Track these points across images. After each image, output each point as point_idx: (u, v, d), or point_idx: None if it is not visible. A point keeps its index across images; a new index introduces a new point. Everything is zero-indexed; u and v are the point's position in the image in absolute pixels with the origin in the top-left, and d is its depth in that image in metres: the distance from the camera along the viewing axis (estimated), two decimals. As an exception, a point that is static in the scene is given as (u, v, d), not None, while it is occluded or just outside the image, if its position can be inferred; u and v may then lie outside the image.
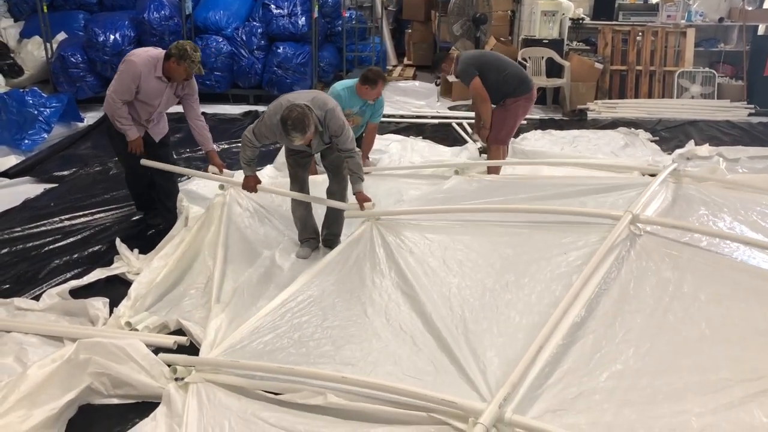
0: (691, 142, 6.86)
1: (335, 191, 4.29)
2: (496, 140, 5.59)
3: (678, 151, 6.61)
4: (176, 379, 2.95)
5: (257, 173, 4.29)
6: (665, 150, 6.87)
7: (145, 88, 4.37)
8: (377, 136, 6.95)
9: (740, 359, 2.66)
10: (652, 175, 4.49)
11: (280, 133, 3.72)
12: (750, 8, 9.59)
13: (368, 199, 4.03)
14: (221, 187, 4.75)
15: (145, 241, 4.63)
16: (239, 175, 5.47)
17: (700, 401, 2.47)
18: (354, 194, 4.06)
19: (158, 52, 4.39)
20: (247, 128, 4.01)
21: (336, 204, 4.25)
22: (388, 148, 6.53)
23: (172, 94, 4.55)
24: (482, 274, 3.35)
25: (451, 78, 6.90)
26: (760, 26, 9.61)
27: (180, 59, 4.27)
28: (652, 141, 7.24)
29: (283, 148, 4.83)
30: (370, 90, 5.10)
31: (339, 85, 5.25)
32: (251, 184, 4.20)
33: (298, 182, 4.28)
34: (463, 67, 5.42)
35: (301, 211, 4.33)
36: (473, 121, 6.98)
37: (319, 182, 4.58)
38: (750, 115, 8.57)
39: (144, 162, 4.66)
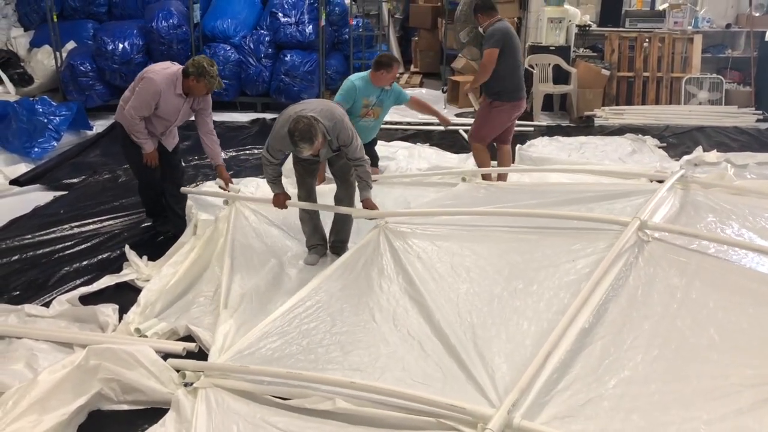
0: (699, 149, 6.83)
1: (343, 198, 4.31)
2: (476, 137, 5.62)
3: (686, 158, 6.59)
4: (185, 385, 2.97)
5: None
6: (673, 156, 6.85)
7: (164, 105, 4.42)
8: (383, 143, 6.99)
9: (749, 366, 2.66)
10: (660, 182, 4.49)
11: (289, 144, 3.75)
12: (757, 14, 9.57)
13: (375, 207, 4.05)
14: (226, 202, 4.78)
15: (155, 248, 4.66)
16: (247, 182, 5.53)
17: (709, 408, 2.47)
18: (361, 201, 4.08)
19: (177, 68, 4.43)
20: (263, 149, 4.04)
21: (345, 209, 4.27)
22: (395, 155, 6.54)
23: (189, 109, 4.59)
24: (490, 281, 3.36)
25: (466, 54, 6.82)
26: (768, 32, 9.59)
27: (199, 76, 4.31)
28: (659, 147, 7.21)
29: (291, 155, 4.85)
30: (386, 74, 5.04)
31: (353, 77, 5.21)
32: (281, 201, 4.19)
33: (306, 188, 4.30)
34: (494, 33, 5.29)
35: (309, 218, 4.35)
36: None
37: (326, 192, 4.60)
38: (758, 121, 8.53)
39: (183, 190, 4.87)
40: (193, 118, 4.76)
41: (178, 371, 3.03)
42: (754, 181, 5.52)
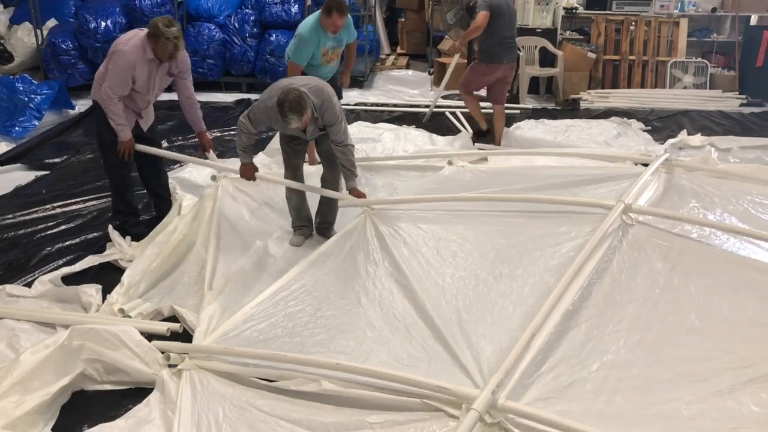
0: (684, 132, 6.87)
1: (329, 179, 4.29)
2: (463, 85, 6.58)
3: (670, 141, 6.63)
4: (169, 366, 2.96)
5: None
6: (657, 140, 6.88)
7: (139, 76, 4.17)
8: (370, 124, 6.97)
9: (730, 349, 2.69)
10: (645, 165, 4.51)
11: (276, 116, 3.70)
12: (743, -2, 9.60)
13: (363, 195, 4.04)
14: (213, 178, 4.73)
15: (139, 228, 4.61)
16: (231, 163, 5.49)
17: (691, 390, 2.50)
18: (347, 190, 4.06)
19: (143, 33, 4.15)
20: (242, 114, 3.97)
21: (331, 194, 4.25)
22: (381, 137, 6.51)
23: (165, 74, 4.34)
24: (476, 265, 3.37)
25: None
26: (753, 16, 9.60)
27: (155, 38, 4.05)
28: (644, 131, 7.24)
29: (276, 135, 4.81)
30: (339, 18, 4.93)
31: (303, 31, 5.03)
32: (249, 173, 4.14)
33: (292, 169, 4.27)
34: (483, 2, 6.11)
35: (295, 199, 4.33)
36: (467, 110, 7.02)
37: (312, 173, 4.57)
38: (742, 105, 8.59)
39: (138, 147, 4.44)
40: (174, 96, 4.59)
41: (162, 352, 3.02)
42: (737, 164, 5.56)
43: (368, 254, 3.63)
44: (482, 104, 6.83)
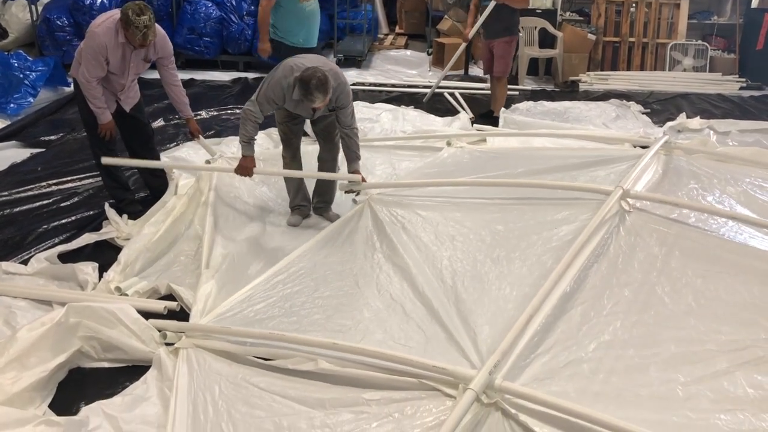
0: (683, 115, 6.85)
1: (326, 159, 4.27)
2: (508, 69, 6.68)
3: (669, 124, 6.61)
4: (166, 344, 2.96)
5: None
6: (656, 122, 6.86)
7: (112, 58, 4.05)
8: (368, 104, 6.93)
9: (725, 332, 2.71)
10: (644, 147, 4.50)
11: (291, 93, 3.66)
12: (744, -19, 9.54)
13: (364, 180, 4.03)
14: (207, 161, 4.71)
15: (134, 206, 4.59)
16: (228, 142, 5.45)
17: (686, 371, 2.52)
18: (349, 173, 4.03)
19: (118, 15, 3.99)
20: (248, 102, 3.84)
21: (331, 176, 4.23)
22: (380, 117, 6.47)
23: (141, 60, 4.22)
24: (473, 248, 3.37)
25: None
26: (754, -1, 9.58)
27: (126, 25, 3.93)
28: (643, 113, 7.22)
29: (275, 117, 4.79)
30: None
31: None
32: (248, 168, 3.98)
33: (291, 150, 4.25)
34: None
35: (293, 178, 4.31)
36: (465, 90, 7.00)
37: (309, 152, 4.55)
38: (741, 88, 8.57)
39: (108, 161, 4.34)
40: (155, 73, 4.47)
41: (159, 331, 3.02)
42: (736, 148, 5.55)
43: (367, 239, 3.64)
44: (480, 85, 6.84)
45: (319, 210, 4.38)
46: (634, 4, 9.13)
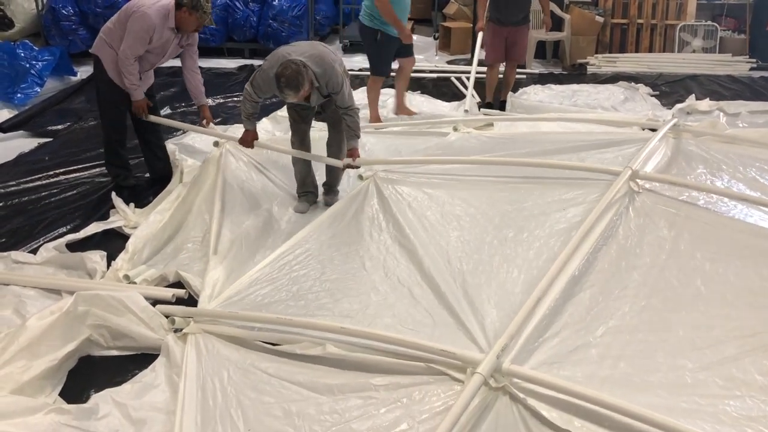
0: (692, 97, 6.79)
1: (333, 144, 4.25)
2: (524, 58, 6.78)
3: (678, 106, 6.54)
4: (174, 331, 2.97)
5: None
6: (665, 105, 6.80)
7: (156, 40, 4.23)
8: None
9: (734, 317, 2.69)
10: (653, 130, 4.46)
11: (274, 88, 3.68)
12: (755, -40, 9.40)
13: (358, 156, 4.02)
14: (216, 144, 4.71)
15: (141, 195, 4.61)
16: (234, 130, 5.44)
17: (695, 357, 2.50)
18: (348, 150, 4.03)
19: (168, 1, 4.22)
20: (247, 82, 3.94)
21: (333, 162, 4.22)
22: (386, 103, 6.44)
23: (177, 45, 4.42)
24: (480, 229, 3.36)
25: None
26: (765, -21, 9.43)
27: (193, 9, 4.13)
28: (652, 95, 7.15)
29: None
30: None
31: None
32: (249, 140, 4.14)
33: (299, 135, 4.23)
34: None
35: (301, 165, 4.30)
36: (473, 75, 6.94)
37: (316, 139, 4.53)
38: (752, 69, 8.47)
39: (152, 118, 4.61)
40: (176, 62, 4.62)
41: (167, 317, 3.03)
42: (746, 129, 5.50)
43: (372, 219, 3.62)
44: (480, 69, 6.80)
45: (324, 194, 4.38)
46: (642, -15, 9.02)
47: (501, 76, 6.58)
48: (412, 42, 5.75)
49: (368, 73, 7.99)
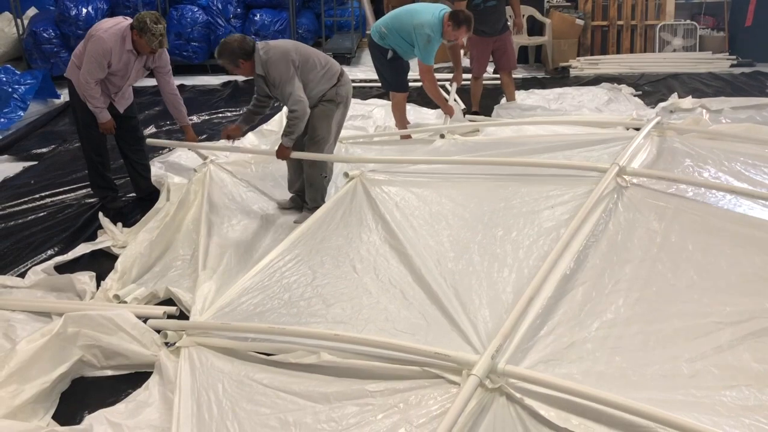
0: (674, 95, 6.84)
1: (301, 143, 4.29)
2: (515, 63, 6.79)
3: (661, 105, 6.60)
4: (167, 344, 2.95)
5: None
6: (648, 104, 6.85)
7: (115, 62, 4.21)
8: (360, 101, 6.91)
9: (728, 303, 2.68)
10: (637, 129, 4.48)
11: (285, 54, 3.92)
12: (730, -42, 9.52)
13: (287, 155, 4.09)
14: (195, 170, 4.69)
15: (129, 215, 4.59)
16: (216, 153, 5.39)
17: (691, 347, 2.49)
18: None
19: (126, 23, 4.20)
20: (295, 97, 3.87)
21: (333, 158, 4.28)
22: (372, 113, 6.47)
23: (142, 67, 4.39)
24: (469, 228, 3.35)
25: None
26: (741, -24, 9.55)
27: (141, 32, 4.09)
28: (635, 95, 7.22)
29: (271, 119, 4.80)
30: (465, 32, 5.12)
31: (433, 33, 5.06)
32: (286, 153, 4.12)
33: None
34: None
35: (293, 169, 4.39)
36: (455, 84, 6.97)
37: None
38: (732, 66, 8.56)
39: (152, 141, 4.78)
40: (151, 79, 4.60)
41: (159, 332, 3.01)
42: (729, 125, 5.53)
43: (361, 220, 3.61)
44: (465, 76, 6.84)
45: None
46: (620, -13, 9.12)
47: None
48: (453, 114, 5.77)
49: (370, 85, 7.98)
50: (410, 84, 5.73)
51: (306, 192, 4.31)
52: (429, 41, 5.06)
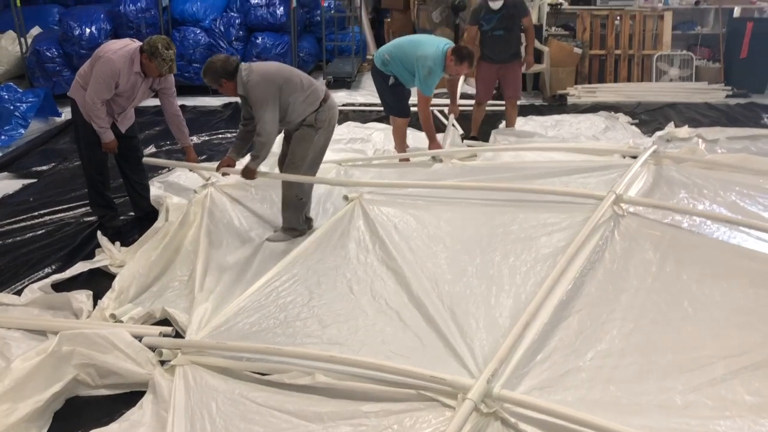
0: (671, 125, 6.90)
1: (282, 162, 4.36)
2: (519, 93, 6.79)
3: (658, 134, 6.65)
4: (162, 363, 2.94)
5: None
6: (645, 132, 6.91)
7: (123, 83, 4.26)
8: (359, 124, 6.96)
9: (722, 336, 2.70)
10: (633, 157, 4.52)
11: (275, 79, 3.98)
12: (725, -9, 9.67)
13: (252, 176, 4.14)
14: (195, 191, 4.70)
15: (127, 234, 4.59)
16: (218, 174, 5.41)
17: (684, 379, 2.51)
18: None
19: (136, 46, 4.27)
20: (261, 121, 3.94)
21: (324, 181, 4.34)
22: (371, 137, 6.51)
23: (147, 89, 4.44)
24: (467, 252, 3.37)
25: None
26: (736, 9, 9.66)
27: (151, 56, 4.15)
28: (632, 124, 7.28)
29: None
30: (467, 68, 5.20)
31: (435, 65, 5.13)
32: (252, 175, 4.18)
33: (282, 154, 4.37)
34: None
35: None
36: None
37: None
38: (728, 96, 8.64)
39: (149, 160, 4.76)
40: (156, 99, 4.63)
41: (154, 350, 3.00)
42: (725, 155, 5.57)
43: (359, 241, 3.63)
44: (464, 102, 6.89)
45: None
46: (618, 17, 9.23)
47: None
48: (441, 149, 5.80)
49: (352, 108, 8.08)
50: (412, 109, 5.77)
51: (282, 213, 4.32)
52: (430, 73, 5.13)
